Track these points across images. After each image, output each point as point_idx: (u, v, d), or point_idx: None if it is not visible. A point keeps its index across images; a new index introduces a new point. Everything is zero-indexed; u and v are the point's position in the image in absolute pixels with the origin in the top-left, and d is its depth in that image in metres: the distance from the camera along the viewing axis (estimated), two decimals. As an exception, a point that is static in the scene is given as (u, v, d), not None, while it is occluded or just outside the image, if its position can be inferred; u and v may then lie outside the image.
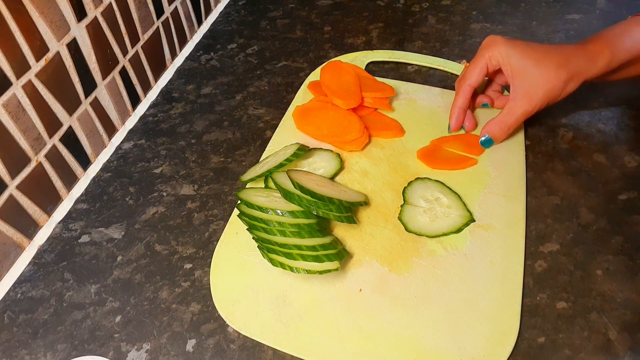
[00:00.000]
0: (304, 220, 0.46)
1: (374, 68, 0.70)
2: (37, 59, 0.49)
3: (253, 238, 0.47)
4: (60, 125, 0.54)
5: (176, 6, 0.71)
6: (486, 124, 0.55)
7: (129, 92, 0.64)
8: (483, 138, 0.55)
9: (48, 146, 0.52)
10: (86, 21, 0.54)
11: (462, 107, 0.56)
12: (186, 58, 0.74)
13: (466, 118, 0.58)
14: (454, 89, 0.59)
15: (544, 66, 0.50)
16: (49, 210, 0.54)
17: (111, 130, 0.62)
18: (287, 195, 0.47)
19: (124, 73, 0.62)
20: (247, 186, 0.54)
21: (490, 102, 0.60)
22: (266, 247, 0.45)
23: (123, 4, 0.59)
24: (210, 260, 0.49)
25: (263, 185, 0.53)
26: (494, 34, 0.53)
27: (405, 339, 0.43)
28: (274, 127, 0.62)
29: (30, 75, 0.48)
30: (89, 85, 0.57)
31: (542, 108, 0.52)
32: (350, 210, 0.49)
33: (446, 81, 0.67)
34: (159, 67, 0.70)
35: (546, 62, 0.50)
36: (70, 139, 0.55)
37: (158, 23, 0.67)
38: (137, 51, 0.64)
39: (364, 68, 0.68)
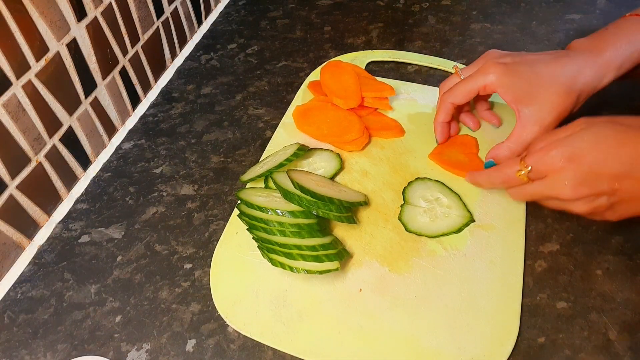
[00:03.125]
0: (304, 220, 0.46)
1: (374, 68, 0.70)
2: (37, 59, 0.49)
3: (253, 238, 0.47)
4: (60, 125, 0.54)
5: (176, 6, 0.71)
6: (492, 148, 0.52)
7: (129, 92, 0.64)
8: (487, 162, 0.53)
9: (48, 146, 0.52)
10: (86, 21, 0.54)
11: (444, 122, 0.55)
12: (186, 58, 0.74)
13: (468, 119, 0.58)
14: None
15: (551, 92, 0.48)
16: (49, 210, 0.54)
17: (111, 130, 0.62)
18: (287, 195, 0.47)
19: (124, 73, 0.62)
20: (247, 186, 0.54)
21: (474, 127, 0.58)
22: (266, 247, 0.45)
23: (123, 4, 0.59)
24: (210, 260, 0.49)
25: (263, 185, 0.53)
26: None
27: (405, 339, 0.43)
28: (274, 127, 0.62)
29: (30, 75, 0.48)
30: (89, 85, 0.57)
31: (556, 124, 0.49)
32: (350, 210, 0.49)
33: (446, 81, 0.67)
34: (159, 67, 0.70)
35: (553, 87, 0.48)
36: (70, 139, 0.55)
37: (158, 23, 0.67)
38: (137, 51, 0.64)
39: (364, 68, 0.68)
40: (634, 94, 0.62)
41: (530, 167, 0.44)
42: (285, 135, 0.60)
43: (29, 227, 0.52)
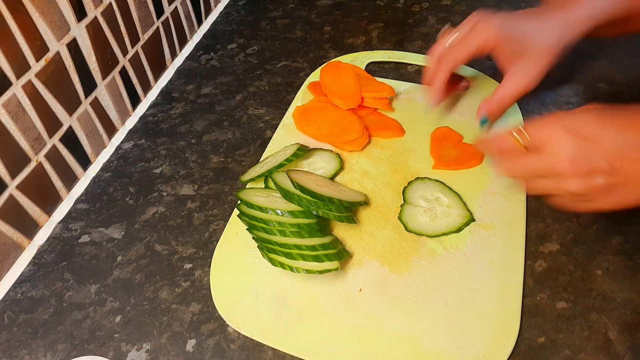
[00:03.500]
0: (304, 220, 0.46)
1: (374, 68, 0.70)
2: (37, 59, 0.49)
3: (253, 238, 0.47)
4: (60, 125, 0.54)
5: (176, 6, 0.71)
6: (482, 102, 0.52)
7: (129, 92, 0.64)
8: (481, 120, 0.53)
9: (48, 146, 0.52)
10: (86, 21, 0.54)
11: (444, 84, 0.53)
12: (186, 58, 0.74)
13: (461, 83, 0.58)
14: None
15: (537, 48, 0.50)
16: (49, 210, 0.54)
17: (111, 130, 0.62)
18: (287, 195, 0.47)
19: (124, 73, 0.62)
20: (247, 186, 0.54)
21: (467, 85, 0.60)
22: (266, 247, 0.45)
23: (123, 4, 0.59)
24: (210, 260, 0.49)
25: (263, 185, 0.53)
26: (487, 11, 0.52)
27: (405, 339, 0.43)
28: (274, 127, 0.62)
29: (30, 75, 0.48)
30: (89, 85, 0.57)
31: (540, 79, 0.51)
32: (350, 210, 0.49)
33: (446, 81, 0.66)
34: (159, 67, 0.70)
35: (539, 44, 0.50)
36: (70, 139, 0.55)
37: (158, 23, 0.67)
38: (137, 51, 0.64)
39: (364, 68, 0.68)
40: (635, 93, 0.62)
41: (527, 134, 0.41)
42: (285, 136, 0.60)
43: (29, 227, 0.52)
